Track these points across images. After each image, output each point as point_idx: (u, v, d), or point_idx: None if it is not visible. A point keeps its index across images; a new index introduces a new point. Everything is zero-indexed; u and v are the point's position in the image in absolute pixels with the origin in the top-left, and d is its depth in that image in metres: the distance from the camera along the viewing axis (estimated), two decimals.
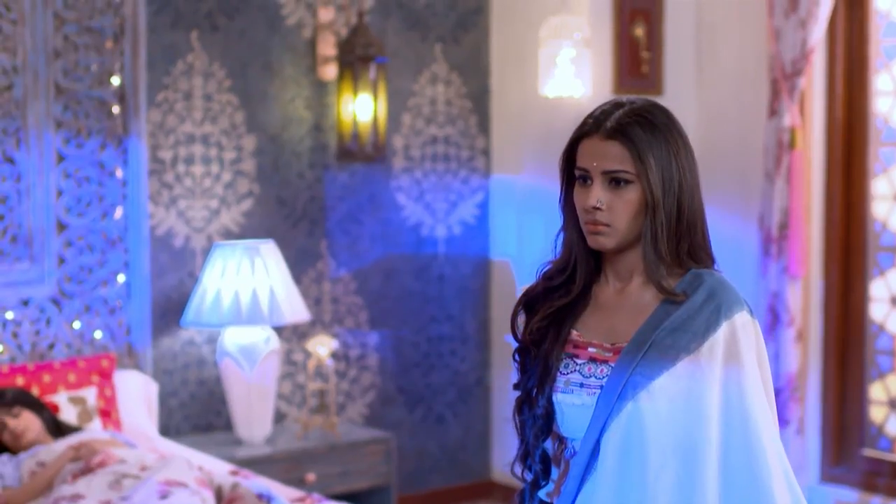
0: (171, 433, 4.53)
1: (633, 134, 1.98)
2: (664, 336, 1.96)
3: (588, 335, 2.03)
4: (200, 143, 4.60)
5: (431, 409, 5.21)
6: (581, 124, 2.04)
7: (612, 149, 1.97)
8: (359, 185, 4.93)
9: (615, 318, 2.04)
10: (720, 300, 1.98)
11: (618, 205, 1.98)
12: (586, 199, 1.98)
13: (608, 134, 1.98)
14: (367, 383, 5.03)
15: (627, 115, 2.00)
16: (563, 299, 2.04)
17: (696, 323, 1.96)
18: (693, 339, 1.95)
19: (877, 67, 4.49)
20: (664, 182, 1.99)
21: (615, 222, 1.99)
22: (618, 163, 1.97)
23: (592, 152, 1.99)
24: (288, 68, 4.74)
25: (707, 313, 1.97)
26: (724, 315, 1.98)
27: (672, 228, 2.01)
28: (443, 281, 5.17)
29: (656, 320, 1.98)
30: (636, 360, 1.95)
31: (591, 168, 1.98)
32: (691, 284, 2.00)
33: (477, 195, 5.24)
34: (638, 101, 2.04)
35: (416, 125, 5.09)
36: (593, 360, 2.01)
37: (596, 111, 2.03)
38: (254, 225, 4.69)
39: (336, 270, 4.89)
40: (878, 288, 4.49)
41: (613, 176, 1.98)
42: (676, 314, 1.97)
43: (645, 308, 2.02)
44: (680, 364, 1.94)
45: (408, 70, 5.05)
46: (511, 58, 5.15)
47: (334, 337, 4.85)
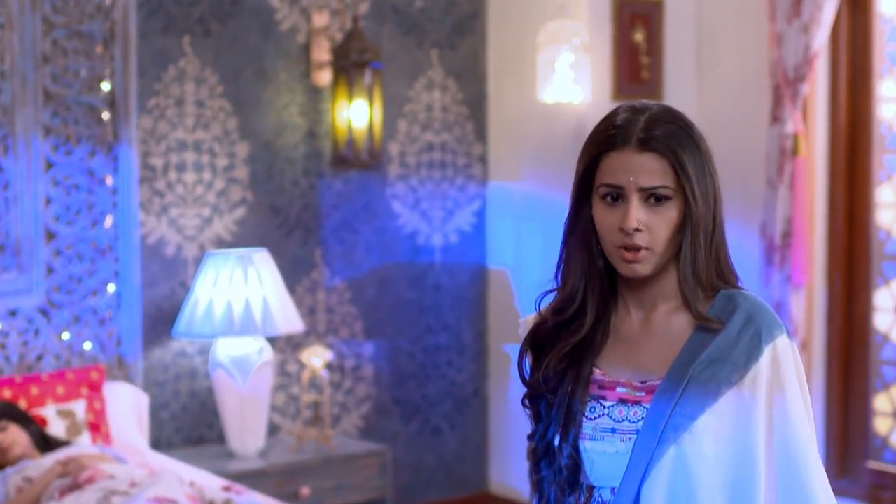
0: (162, 446, 4.49)
1: (671, 143, 1.83)
2: (702, 369, 1.80)
3: (614, 373, 1.87)
4: (192, 150, 4.57)
5: (428, 421, 5.17)
6: (601, 137, 1.86)
7: (649, 162, 1.82)
8: (354, 193, 4.90)
9: (642, 353, 1.88)
10: (759, 324, 1.83)
11: (658, 225, 1.83)
12: (623, 220, 1.81)
13: (642, 145, 1.83)
14: (363, 395, 4.99)
15: (656, 122, 1.85)
16: (578, 334, 1.89)
17: (737, 352, 1.81)
18: (734, 371, 1.80)
19: (881, 73, 4.48)
20: (703, 195, 1.85)
21: (655, 245, 1.83)
22: (658, 177, 1.82)
23: (626, 167, 1.82)
24: (282, 74, 4.72)
25: (747, 340, 1.82)
26: (765, 341, 1.82)
27: (708, 246, 1.86)
28: (439, 290, 5.15)
29: (691, 352, 1.83)
30: (675, 398, 1.79)
31: (626, 184, 1.81)
32: (725, 308, 1.85)
33: (474, 203, 5.21)
34: (654, 105, 1.89)
35: (411, 132, 5.06)
36: (623, 402, 1.84)
37: (615, 120, 1.86)
38: (247, 233, 4.66)
39: (330, 280, 4.86)
40: (882, 297, 4.48)
41: (653, 192, 1.82)
42: (714, 344, 1.82)
43: (675, 339, 1.86)
44: (722, 399, 1.79)
45: (403, 76, 5.02)
46: (508, 63, 5.12)
47: (329, 347, 4.83)
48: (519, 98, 5.06)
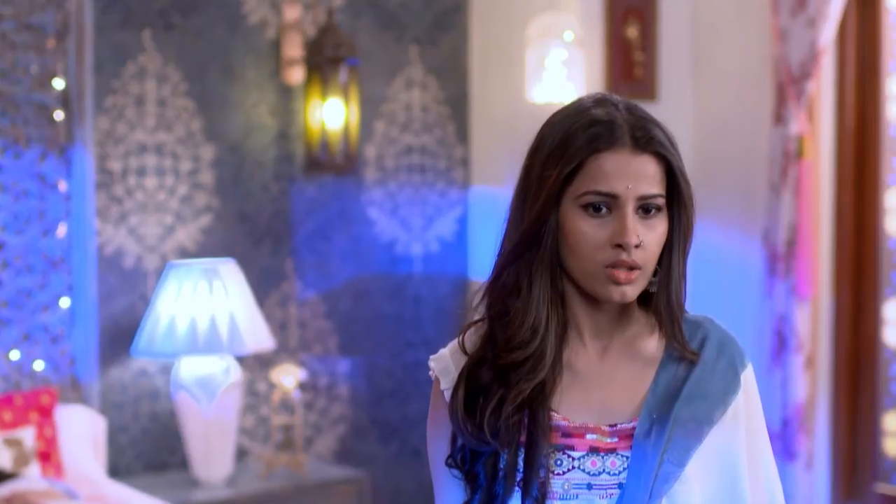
0: (120, 473, 4.39)
1: (667, 144, 1.64)
2: (682, 407, 1.64)
3: (576, 417, 1.67)
4: (153, 153, 4.49)
5: (407, 443, 5.10)
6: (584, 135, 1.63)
7: (647, 166, 1.62)
8: (328, 199, 4.83)
9: (605, 390, 1.69)
10: (731, 354, 1.70)
11: (651, 240, 1.64)
12: (621, 235, 1.60)
13: (639, 145, 1.62)
14: (338, 415, 4.92)
15: (644, 119, 1.65)
16: (537, 376, 1.66)
17: (713, 385, 1.67)
18: (714, 406, 1.66)
19: (891, 70, 4.43)
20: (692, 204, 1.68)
21: (647, 263, 1.64)
22: (655, 185, 1.63)
23: (623, 171, 1.61)
24: (250, 71, 4.66)
25: (721, 372, 1.68)
26: (739, 371, 1.69)
27: (685, 265, 1.71)
28: (419, 303, 5.08)
29: (666, 387, 1.66)
30: (662, 444, 1.61)
31: (622, 192, 1.61)
32: (693, 336, 1.70)
33: (455, 209, 5.15)
34: (619, 99, 1.69)
35: (389, 133, 5.00)
36: (595, 451, 1.65)
37: (596, 115, 1.64)
38: (212, 243, 4.59)
39: (303, 292, 4.80)
40: (892, 310, 4.43)
41: (648, 202, 1.63)
42: (692, 378, 1.66)
43: (641, 372, 1.69)
44: (707, 440, 1.64)
45: (381, 74, 4.96)
46: (493, 60, 5.07)
47: (301, 365, 4.75)
48: (505, 97, 5.00)
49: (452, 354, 1.76)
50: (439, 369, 1.78)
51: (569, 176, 1.63)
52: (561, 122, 1.67)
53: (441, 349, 1.79)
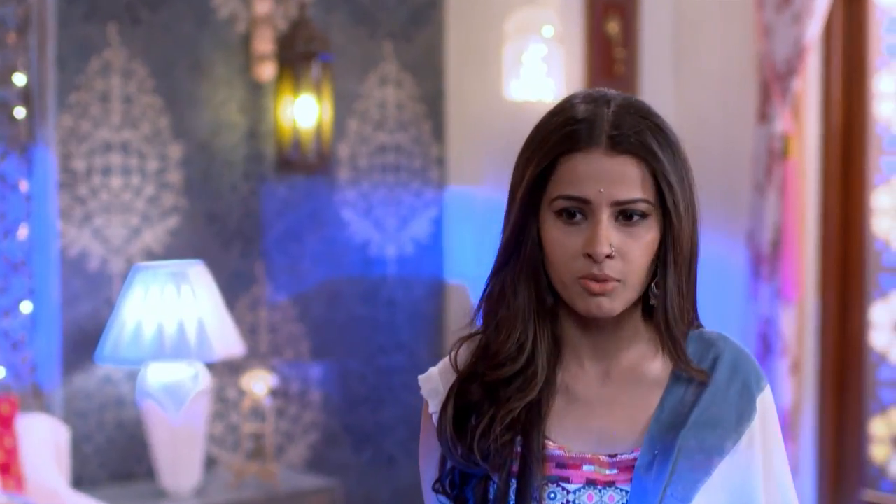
0: (85, 484, 4.34)
1: (649, 144, 1.52)
2: (689, 436, 1.52)
3: (573, 446, 1.56)
4: (119, 152, 4.46)
5: (381, 450, 5.07)
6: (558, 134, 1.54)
7: (624, 168, 1.51)
8: (299, 199, 4.81)
9: (605, 416, 1.57)
10: (746, 375, 1.57)
11: (633, 249, 1.52)
12: (591, 244, 1.50)
13: (615, 146, 1.51)
14: (309, 422, 4.89)
15: (626, 115, 1.53)
16: (527, 395, 1.56)
17: (726, 411, 1.54)
18: (726, 436, 1.53)
19: (878, 67, 4.38)
20: (686, 211, 1.54)
21: (629, 275, 1.52)
22: (636, 188, 1.51)
23: (595, 174, 1.50)
24: (219, 67, 4.63)
25: (736, 396, 1.55)
26: (755, 394, 1.56)
27: (688, 277, 1.57)
28: (393, 306, 5.06)
29: (672, 413, 1.54)
30: (666, 477, 1.50)
31: (594, 197, 1.50)
32: (703, 355, 1.58)
33: (431, 210, 5.14)
34: (617, 95, 1.57)
35: (363, 131, 4.98)
36: (592, 484, 1.54)
37: (575, 112, 1.54)
38: (180, 245, 4.55)
39: (274, 295, 4.77)
40: (879, 312, 4.37)
41: (627, 208, 1.51)
42: (701, 402, 1.54)
43: (645, 396, 1.57)
44: (716, 472, 1.52)
45: (354, 70, 4.94)
46: (470, 56, 5.04)
47: (272, 371, 4.72)
48: (482, 94, 4.98)
49: (443, 374, 1.65)
50: (427, 390, 1.66)
51: (542, 179, 1.54)
52: (543, 121, 1.58)
53: (431, 368, 1.68)
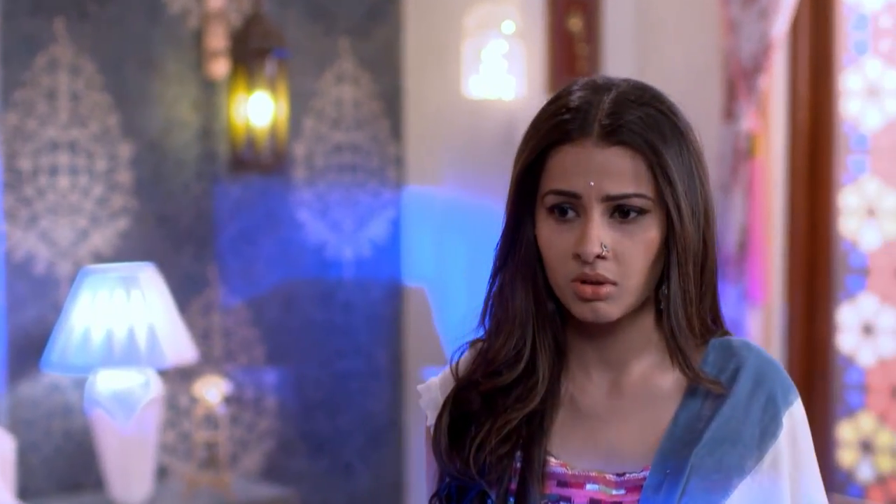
0: (30, 495, 4.28)
1: (648, 134, 1.42)
2: (704, 454, 1.41)
3: (577, 463, 1.46)
4: (67, 151, 4.41)
5: (338, 457, 5.02)
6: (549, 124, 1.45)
7: (617, 160, 1.42)
8: (254, 200, 4.77)
9: (614, 432, 1.47)
10: (772, 388, 1.46)
11: (629, 249, 1.43)
12: (580, 243, 1.41)
13: (607, 136, 1.42)
14: (264, 430, 4.85)
15: (625, 104, 1.44)
16: (526, 405, 1.47)
17: (747, 427, 1.44)
18: (747, 455, 1.43)
19: (844, 64, 4.41)
20: (692, 207, 1.44)
21: (625, 278, 1.43)
22: (630, 182, 1.42)
23: (584, 167, 1.42)
24: (171, 63, 4.58)
25: (759, 411, 1.45)
26: (782, 410, 1.45)
27: (698, 280, 1.46)
28: (350, 309, 5.03)
29: (686, 429, 1.44)
30: (675, 498, 1.40)
31: (584, 191, 1.41)
32: (724, 365, 1.47)
33: (389, 211, 5.11)
34: (622, 82, 1.48)
35: (319, 130, 4.94)
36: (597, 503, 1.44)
37: (569, 101, 1.45)
38: (130, 247, 4.50)
39: (227, 299, 4.73)
40: (846, 315, 4.40)
41: (622, 203, 1.42)
42: (718, 417, 1.43)
43: (658, 410, 1.47)
44: (735, 494, 1.41)
45: (310, 67, 4.89)
46: (429, 53, 5.01)
47: (225, 377, 4.67)
48: (441, 92, 4.95)
49: (443, 384, 1.56)
50: (426, 401, 1.58)
51: (534, 173, 1.46)
52: (540, 110, 1.50)
53: (431, 377, 1.59)
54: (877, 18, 4.35)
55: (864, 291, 4.38)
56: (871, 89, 4.37)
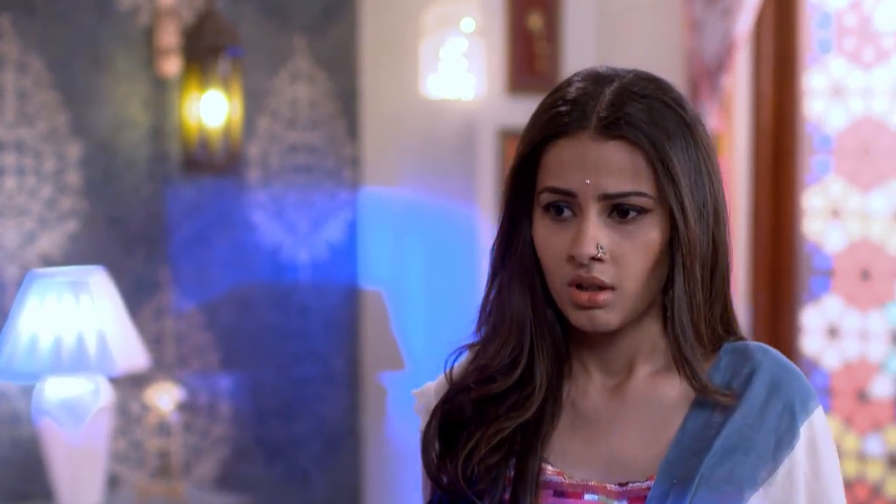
0: None
1: (650, 128, 1.35)
2: (714, 463, 1.34)
3: (575, 472, 1.40)
4: (13, 151, 4.38)
5: (294, 464, 5.01)
6: (544, 117, 1.39)
7: (615, 155, 1.35)
8: (207, 202, 4.74)
9: (616, 439, 1.41)
10: (789, 394, 1.38)
11: (629, 252, 1.36)
12: (575, 244, 1.35)
13: (605, 130, 1.35)
14: (218, 437, 4.83)
15: (627, 95, 1.36)
16: (521, 413, 1.40)
17: (761, 436, 1.36)
18: (761, 465, 1.36)
19: (808, 64, 4.40)
20: (698, 207, 1.37)
21: (624, 282, 1.36)
22: (629, 179, 1.35)
23: (580, 162, 1.35)
24: (121, 61, 4.54)
25: (774, 419, 1.37)
26: (800, 419, 1.37)
27: (707, 283, 1.39)
28: (306, 313, 5.01)
29: (694, 437, 1.36)
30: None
31: (580, 189, 1.35)
32: (736, 370, 1.40)
33: (345, 212, 5.10)
34: (627, 73, 1.41)
35: (274, 130, 4.93)
36: None
37: (567, 93, 1.39)
38: (79, 250, 4.47)
39: (180, 303, 4.71)
40: (810, 317, 4.39)
41: (621, 202, 1.35)
42: (729, 425, 1.36)
43: (665, 416, 1.40)
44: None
45: (264, 65, 4.87)
46: (386, 51, 4.99)
47: (178, 383, 4.64)
48: (398, 91, 4.94)
49: (439, 389, 1.50)
50: (419, 406, 1.52)
51: (529, 169, 1.40)
52: (540, 102, 1.43)
53: (428, 382, 1.53)
54: (841, 17, 4.34)
55: (829, 293, 4.38)
56: (835, 89, 4.36)
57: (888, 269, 4.30)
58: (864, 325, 4.32)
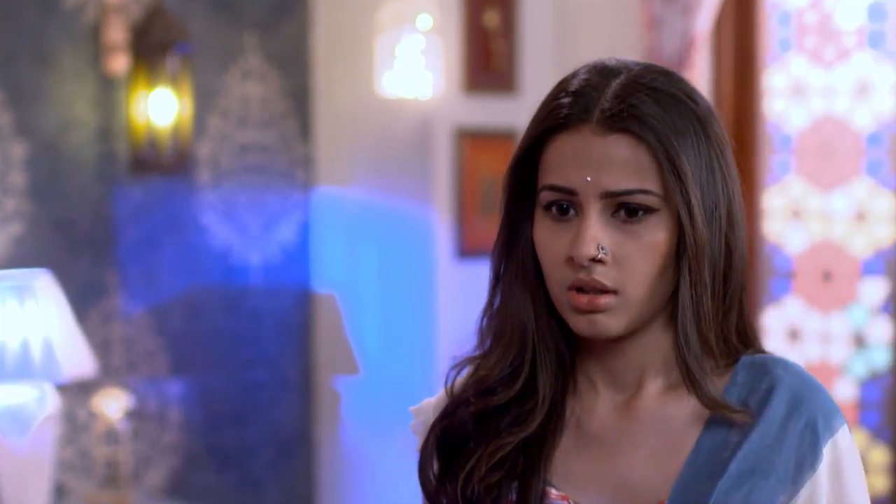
0: None
1: (657, 122, 1.28)
2: (729, 488, 1.27)
3: (581, 494, 1.32)
4: None
5: (246, 472, 4.98)
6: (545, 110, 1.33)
7: (618, 150, 1.29)
8: (156, 203, 4.71)
9: (625, 460, 1.33)
10: (812, 412, 1.31)
11: (633, 253, 1.29)
12: (574, 245, 1.28)
13: (609, 122, 1.29)
14: (168, 444, 4.80)
15: (634, 87, 1.30)
16: (523, 429, 1.33)
17: (781, 457, 1.29)
18: (780, 489, 1.28)
19: (767, 62, 4.43)
20: (709, 207, 1.30)
21: (627, 286, 1.29)
22: (632, 176, 1.28)
23: (581, 158, 1.29)
24: (67, 59, 4.50)
25: (795, 439, 1.30)
26: (823, 438, 1.30)
27: (719, 290, 1.32)
28: (258, 317, 4.99)
29: (708, 459, 1.29)
30: None
31: (579, 186, 1.29)
32: (753, 386, 1.33)
33: (298, 214, 5.07)
34: (634, 65, 1.36)
35: (224, 129, 4.89)
36: None
37: (570, 85, 1.32)
38: (24, 253, 4.43)
39: (128, 307, 4.66)
40: (771, 319, 4.43)
41: (625, 201, 1.29)
42: (746, 446, 1.28)
43: (677, 436, 1.32)
44: None
45: (214, 63, 4.83)
46: (340, 48, 4.96)
47: (127, 390, 4.60)
48: (352, 89, 4.91)
49: (438, 406, 1.42)
50: (417, 424, 1.45)
51: (529, 166, 1.33)
52: (545, 98, 1.36)
53: (426, 398, 1.46)
54: (801, 15, 4.35)
55: (790, 295, 4.40)
56: (795, 87, 4.37)
57: (850, 271, 4.30)
58: (825, 328, 4.32)
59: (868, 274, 4.28)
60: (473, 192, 4.57)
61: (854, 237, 4.29)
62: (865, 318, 4.28)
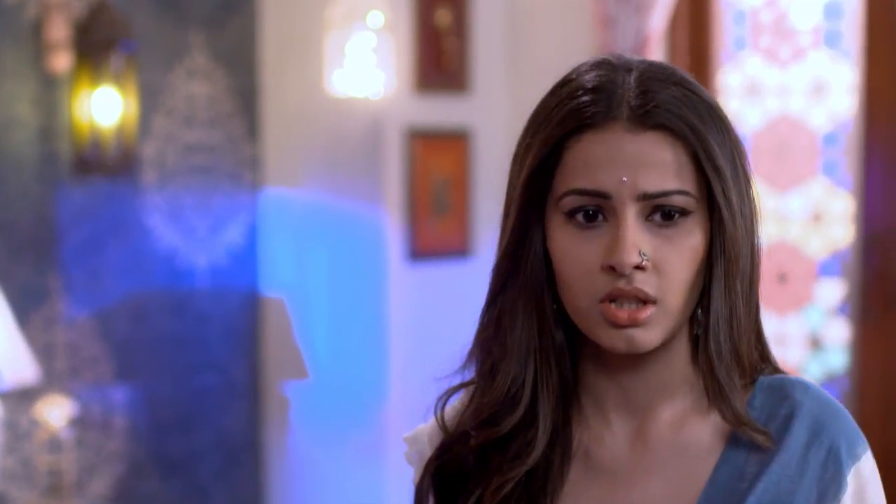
0: None
1: (689, 117, 1.22)
2: None
3: None
4: None
5: (193, 479, 4.95)
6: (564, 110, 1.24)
7: (654, 148, 1.21)
8: (99, 205, 4.67)
9: (638, 492, 1.27)
10: (834, 438, 1.25)
11: (671, 260, 1.22)
12: (614, 252, 1.20)
13: (642, 119, 1.21)
14: (113, 452, 4.76)
15: (656, 82, 1.23)
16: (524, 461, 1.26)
17: (802, 488, 1.24)
18: None
19: (722, 61, 4.44)
20: (740, 209, 1.24)
21: (668, 293, 1.22)
22: (672, 176, 1.21)
23: (615, 158, 1.21)
24: (7, 57, 4.46)
25: (817, 467, 1.25)
26: (846, 466, 1.25)
27: (748, 300, 1.25)
28: (205, 321, 4.97)
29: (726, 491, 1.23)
30: None
31: (614, 190, 1.21)
32: (773, 410, 1.27)
33: (245, 215, 5.05)
34: (640, 62, 1.28)
35: (170, 129, 4.87)
36: None
37: (585, 81, 1.24)
38: None
39: (71, 312, 4.62)
40: None
41: (662, 203, 1.21)
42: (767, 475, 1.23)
43: (690, 466, 1.27)
44: None
45: (159, 61, 4.80)
46: (288, 47, 4.94)
47: (70, 397, 4.56)
48: (301, 88, 4.90)
49: (433, 435, 1.35)
50: (412, 454, 1.37)
51: (545, 172, 1.24)
52: (546, 96, 1.28)
53: (420, 425, 1.38)
54: (756, 14, 4.36)
55: None
56: (751, 87, 4.37)
57: (806, 272, 4.31)
58: (781, 330, 4.32)
59: (824, 275, 4.28)
60: (425, 193, 4.57)
61: (810, 238, 4.29)
62: (822, 319, 4.28)
